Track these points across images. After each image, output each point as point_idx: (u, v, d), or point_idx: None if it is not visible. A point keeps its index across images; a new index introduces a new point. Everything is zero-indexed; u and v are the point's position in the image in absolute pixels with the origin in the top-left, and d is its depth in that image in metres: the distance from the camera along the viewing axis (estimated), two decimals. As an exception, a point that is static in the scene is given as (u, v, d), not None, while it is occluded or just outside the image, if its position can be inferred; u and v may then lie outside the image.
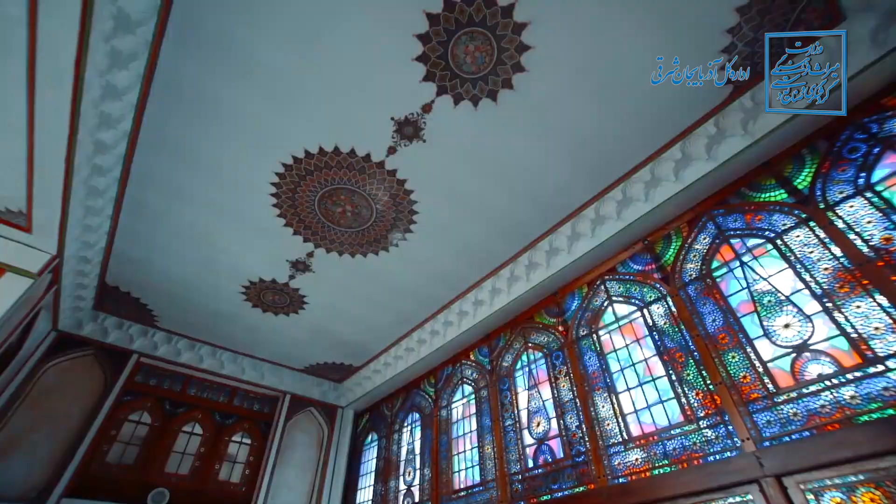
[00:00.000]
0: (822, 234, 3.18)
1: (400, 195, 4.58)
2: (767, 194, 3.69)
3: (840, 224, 3.12)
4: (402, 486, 6.40)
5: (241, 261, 5.49)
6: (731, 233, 3.82)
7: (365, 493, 7.24)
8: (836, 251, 3.07)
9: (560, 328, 5.07)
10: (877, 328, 2.71)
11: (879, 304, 2.74)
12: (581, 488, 3.95)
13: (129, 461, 6.28)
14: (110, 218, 4.79)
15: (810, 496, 2.63)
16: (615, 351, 4.37)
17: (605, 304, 4.70)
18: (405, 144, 4.09)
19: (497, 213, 4.73)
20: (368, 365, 7.69)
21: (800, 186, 3.49)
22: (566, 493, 4.06)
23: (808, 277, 3.15)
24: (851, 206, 3.11)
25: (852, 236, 3.02)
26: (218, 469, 6.94)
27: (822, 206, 3.28)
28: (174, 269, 5.61)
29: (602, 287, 4.82)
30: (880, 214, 2.96)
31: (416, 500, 5.98)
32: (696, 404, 3.47)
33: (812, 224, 3.28)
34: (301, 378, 8.13)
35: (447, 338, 6.27)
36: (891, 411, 2.50)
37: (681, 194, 4.08)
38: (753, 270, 3.53)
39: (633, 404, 3.96)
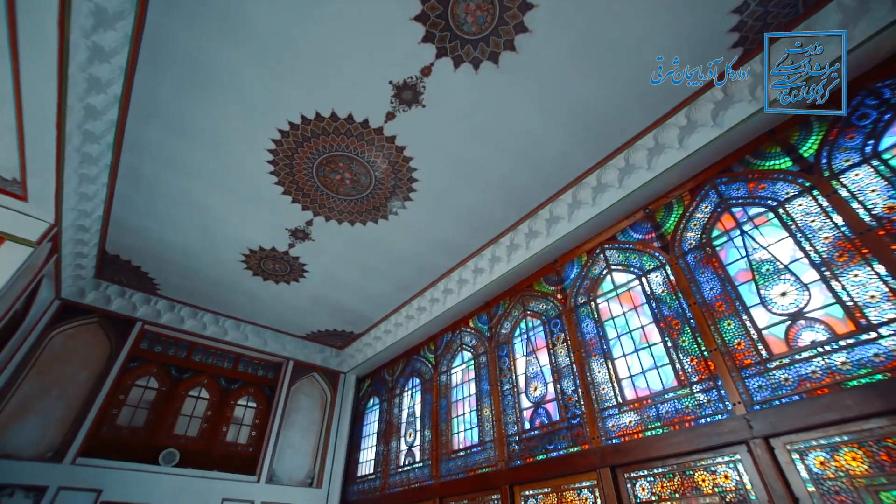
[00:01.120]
0: (825, 203, 3.16)
1: (399, 162, 4.50)
2: (772, 162, 3.64)
3: (844, 193, 3.09)
4: (404, 447, 6.66)
5: (240, 229, 5.47)
6: (733, 201, 3.80)
7: (368, 454, 7.54)
8: (838, 220, 3.06)
9: (559, 296, 5.12)
10: (872, 296, 2.74)
11: (877, 273, 2.76)
12: (575, 448, 4.11)
13: (139, 424, 6.50)
14: (106, 186, 4.73)
15: (795, 456, 2.74)
16: (612, 318, 4.43)
17: (604, 272, 4.73)
18: (404, 110, 3.98)
19: (497, 180, 4.67)
20: (369, 332, 7.82)
21: (805, 154, 3.44)
22: (561, 452, 4.23)
23: (807, 246, 3.15)
24: (857, 175, 3.08)
25: (855, 205, 3.00)
26: (225, 431, 7.20)
27: (826, 174, 3.24)
28: (173, 238, 5.60)
29: (601, 255, 4.83)
30: (885, 183, 2.93)
31: (417, 459, 6.23)
32: (689, 370, 3.56)
33: (815, 192, 3.25)
34: (303, 345, 8.29)
35: (447, 305, 6.35)
36: (879, 376, 2.57)
37: (684, 162, 4.02)
38: (753, 239, 3.53)
39: (629, 370, 4.06)
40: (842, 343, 2.78)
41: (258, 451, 7.18)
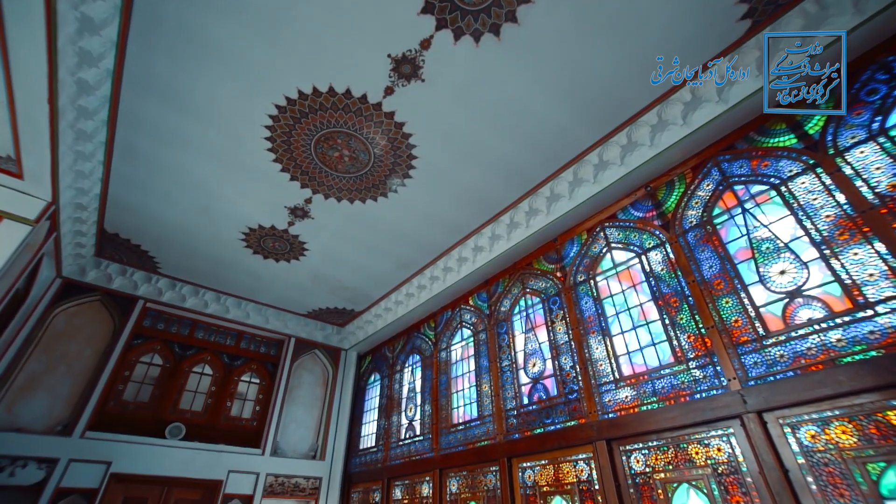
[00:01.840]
0: (828, 181, 3.13)
1: (398, 139, 4.44)
2: (776, 139, 3.59)
3: (848, 170, 3.06)
4: (404, 421, 6.81)
5: (239, 207, 5.44)
6: (736, 179, 3.76)
7: (369, 427, 7.72)
8: (841, 198, 3.04)
9: (558, 274, 5.14)
10: (871, 274, 2.75)
11: (877, 252, 2.76)
12: (573, 422, 4.21)
13: (145, 399, 6.63)
14: (102, 164, 4.68)
15: (787, 430, 2.81)
16: (611, 296, 4.46)
17: (604, 250, 4.73)
18: (403, 84, 3.90)
19: (498, 157, 4.62)
20: (370, 310, 7.89)
21: (811, 132, 3.38)
22: (558, 426, 4.33)
23: (808, 224, 3.14)
24: (862, 152, 3.04)
25: (859, 183, 2.98)
26: (230, 406, 7.35)
27: (831, 151, 3.20)
28: (172, 216, 5.58)
29: (601, 234, 4.83)
30: (890, 160, 2.90)
31: (418, 432, 6.39)
32: (686, 346, 3.61)
33: (819, 170, 3.22)
34: (304, 322, 8.37)
35: (447, 283, 6.38)
36: (873, 353, 2.60)
37: (687, 139, 3.96)
38: (754, 217, 3.51)
39: (626, 346, 4.11)
40: (838, 320, 2.81)
41: (262, 425, 7.35)
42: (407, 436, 6.59)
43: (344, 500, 7.36)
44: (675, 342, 3.70)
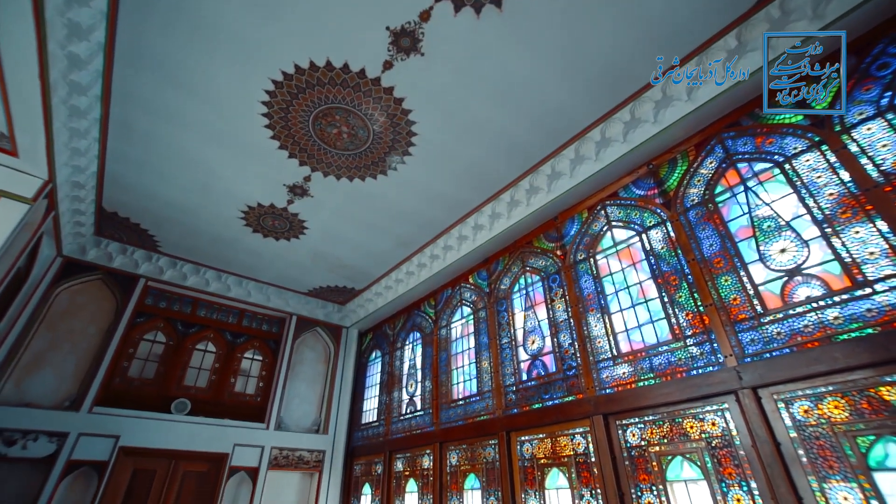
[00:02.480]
0: (833, 159, 3.10)
1: (397, 115, 4.37)
2: (782, 116, 3.53)
3: (853, 148, 3.02)
4: (405, 397, 6.95)
5: (238, 185, 5.39)
6: (740, 157, 3.72)
7: (371, 403, 7.88)
8: (845, 176, 3.01)
9: (558, 252, 5.14)
10: (872, 253, 2.75)
11: (879, 230, 2.75)
12: (570, 398, 4.29)
13: (150, 376, 6.74)
14: (98, 141, 4.61)
15: (781, 405, 2.87)
16: (611, 274, 4.48)
17: (605, 228, 4.72)
18: (402, 58, 3.80)
19: (499, 134, 4.55)
20: (370, 288, 7.93)
21: (818, 107, 3.32)
22: (556, 401, 4.42)
23: (811, 203, 3.12)
24: (869, 129, 2.99)
25: (864, 161, 2.94)
26: (233, 382, 7.48)
27: (837, 128, 3.15)
28: (170, 194, 5.54)
29: (602, 212, 4.81)
30: (897, 137, 2.85)
31: (418, 407, 6.52)
32: (684, 324, 3.64)
33: (824, 147, 3.17)
34: (306, 300, 8.43)
35: (447, 262, 6.40)
36: (869, 330, 2.63)
37: (692, 115, 3.90)
38: (756, 195, 3.49)
39: (625, 324, 4.15)
40: (836, 298, 2.83)
41: (266, 400, 7.50)
42: (408, 411, 6.73)
43: (347, 473, 7.59)
44: (673, 320, 3.74)
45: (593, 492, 3.76)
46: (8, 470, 5.20)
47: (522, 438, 4.64)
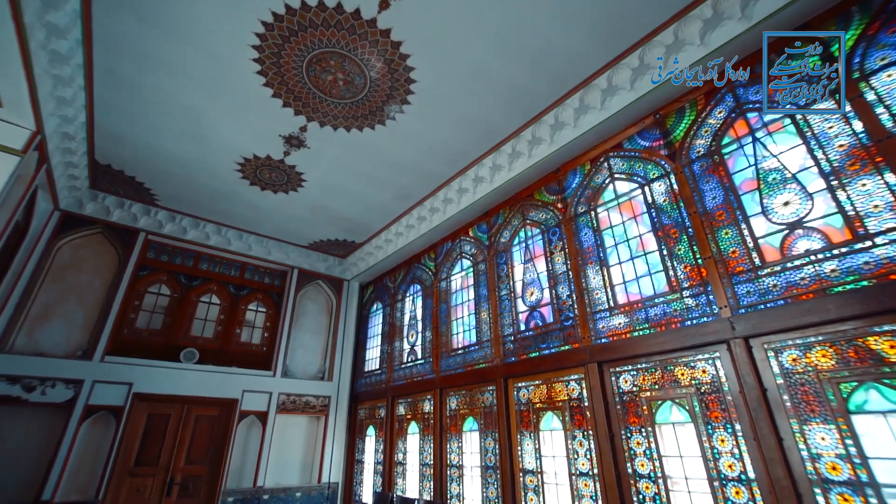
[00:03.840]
0: (847, 108, 2.99)
1: (395, 61, 4.16)
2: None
3: (870, 96, 2.90)
4: (406, 346, 7.18)
5: (233, 136, 5.24)
6: (750, 106, 3.59)
7: (373, 352, 8.16)
8: (858, 126, 2.92)
9: (559, 205, 5.11)
10: (876, 206, 2.73)
11: (886, 182, 2.71)
12: (567, 347, 4.43)
13: (157, 327, 6.92)
14: (83, 89, 4.43)
15: (771, 354, 2.97)
16: (611, 227, 4.47)
17: (607, 181, 4.65)
18: (399, -2, 3.56)
19: (501, 82, 4.37)
20: (371, 241, 7.95)
21: (837, 53, 3.15)
22: (553, 350, 4.57)
23: (819, 154, 3.06)
24: (889, 76, 2.86)
25: (880, 110, 2.84)
26: (239, 333, 7.69)
27: (856, 75, 3.01)
28: (163, 146, 5.40)
29: (605, 164, 4.72)
30: (917, 84, 2.74)
31: (419, 356, 6.76)
32: (682, 276, 3.69)
33: (839, 96, 3.05)
34: (306, 254, 8.48)
35: (447, 215, 6.37)
36: (864, 283, 2.66)
37: (704, 60, 3.71)
38: (764, 147, 3.41)
39: (623, 276, 4.20)
40: (835, 252, 2.84)
41: (271, 350, 7.76)
42: (409, 359, 6.98)
43: (351, 416, 8.00)
44: (671, 272, 3.78)
45: (585, 433, 3.99)
46: (32, 414, 5.50)
47: (519, 384, 4.85)
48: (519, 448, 4.62)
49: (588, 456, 3.90)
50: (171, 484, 6.08)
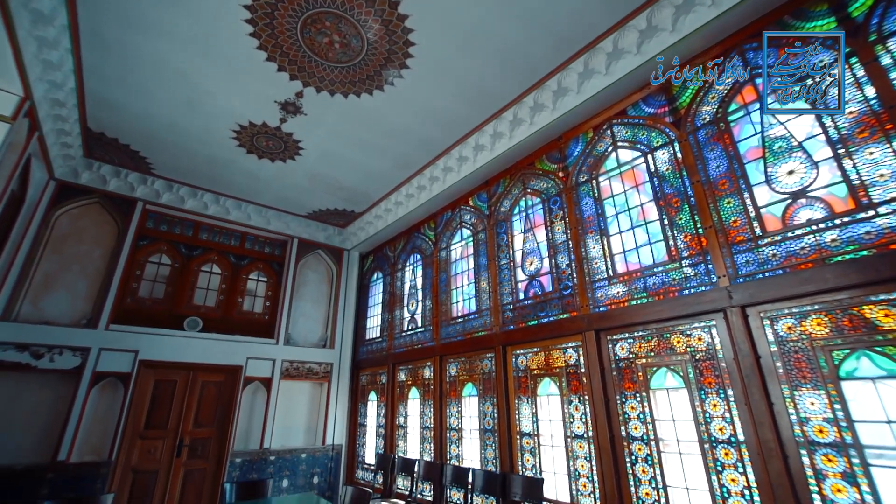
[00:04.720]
0: (861, 73, 2.90)
1: (393, 21, 4.00)
2: (814, 23, 3.23)
3: (886, 60, 2.80)
4: (407, 315, 7.28)
5: (226, 102, 5.11)
6: (760, 71, 3.48)
7: (374, 321, 8.28)
8: (870, 92, 2.84)
9: (560, 174, 5.04)
10: (882, 175, 2.69)
11: (895, 150, 2.66)
12: (565, 315, 4.49)
13: (159, 296, 6.98)
14: (70, 52, 4.28)
15: (766, 322, 3.01)
16: (612, 196, 4.43)
17: (609, 149, 4.58)
18: (397, -47, 3.38)
19: (503, 45, 4.21)
20: (370, 210, 7.91)
21: (854, 14, 3.03)
22: (551, 318, 4.63)
23: (828, 122, 2.99)
24: (907, 38, 2.76)
25: (895, 75, 2.75)
26: (241, 302, 7.77)
27: (873, 37, 2.90)
28: (157, 113, 5.27)
29: (608, 132, 4.62)
30: (934, 47, 2.64)
31: (419, 325, 6.86)
32: (682, 245, 3.69)
33: (853, 60, 2.95)
34: (306, 223, 8.45)
35: (447, 184, 6.30)
36: (864, 252, 2.67)
37: (714, 23, 3.58)
38: (772, 114, 3.32)
39: (623, 245, 4.20)
40: (837, 221, 2.82)
41: (273, 318, 7.86)
42: (409, 327, 7.09)
43: (354, 382, 8.21)
44: (671, 242, 3.78)
45: (581, 398, 4.10)
46: (44, 380, 5.63)
47: (517, 352, 4.95)
48: (517, 412, 4.76)
49: (583, 420, 4.03)
50: (180, 446, 6.32)
